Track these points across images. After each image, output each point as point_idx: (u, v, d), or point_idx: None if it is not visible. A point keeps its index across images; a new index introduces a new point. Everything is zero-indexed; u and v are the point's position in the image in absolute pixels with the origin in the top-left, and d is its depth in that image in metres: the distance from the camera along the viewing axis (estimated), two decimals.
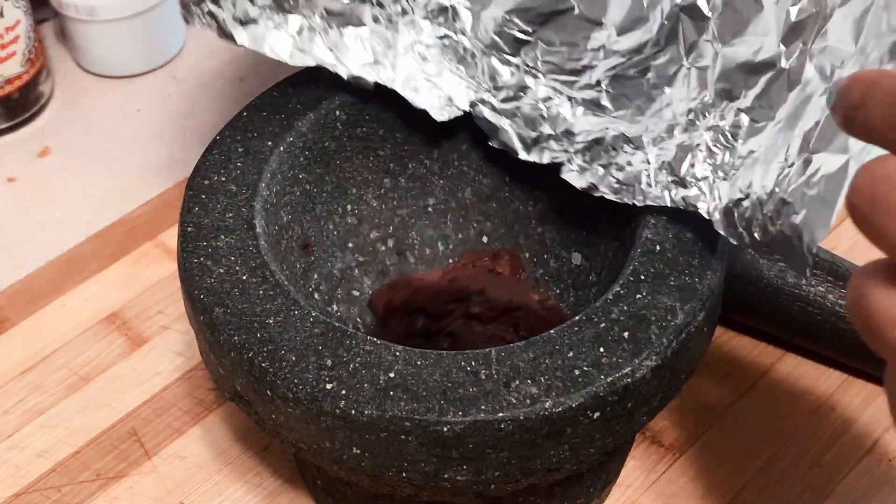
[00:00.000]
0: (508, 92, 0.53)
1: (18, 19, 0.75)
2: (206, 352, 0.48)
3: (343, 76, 0.54)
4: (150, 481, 0.58)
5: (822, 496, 0.56)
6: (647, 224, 0.48)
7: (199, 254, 0.48)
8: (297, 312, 0.45)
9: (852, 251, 0.63)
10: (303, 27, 0.53)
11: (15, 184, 0.75)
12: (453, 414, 0.41)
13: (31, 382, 0.62)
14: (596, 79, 0.51)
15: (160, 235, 0.70)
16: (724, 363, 0.62)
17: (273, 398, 0.43)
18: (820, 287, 0.58)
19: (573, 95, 0.52)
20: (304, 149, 0.54)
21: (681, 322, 0.45)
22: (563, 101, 0.52)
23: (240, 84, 0.82)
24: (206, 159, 0.52)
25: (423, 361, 0.43)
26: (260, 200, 0.50)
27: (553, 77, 0.52)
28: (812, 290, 0.58)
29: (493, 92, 0.53)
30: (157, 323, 0.65)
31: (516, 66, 0.53)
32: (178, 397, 0.61)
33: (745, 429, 0.59)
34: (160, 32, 0.82)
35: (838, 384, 0.61)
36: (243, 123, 0.54)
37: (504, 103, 0.53)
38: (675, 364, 0.45)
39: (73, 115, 0.80)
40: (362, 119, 0.56)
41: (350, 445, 0.43)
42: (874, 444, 0.58)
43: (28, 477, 0.58)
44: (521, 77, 0.53)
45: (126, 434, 0.60)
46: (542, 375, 0.43)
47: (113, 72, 0.82)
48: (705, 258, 0.47)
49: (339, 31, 0.53)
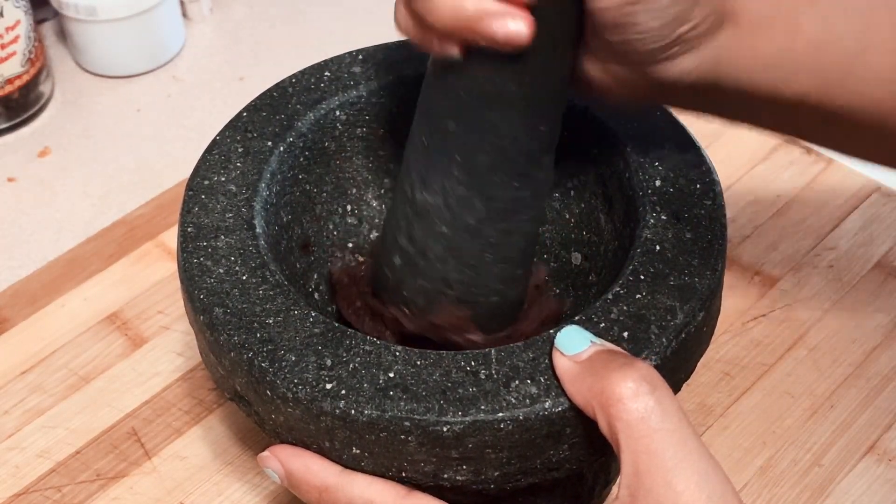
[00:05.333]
0: None
1: (18, 19, 0.75)
2: (206, 352, 0.47)
3: None
4: (150, 481, 0.58)
5: (822, 496, 0.56)
6: (647, 224, 0.48)
7: (199, 254, 0.48)
8: (297, 312, 0.45)
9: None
10: None
11: (15, 184, 0.75)
12: (453, 414, 0.41)
13: (31, 383, 0.62)
14: None
15: (160, 235, 0.70)
16: (724, 363, 0.62)
17: (273, 398, 0.43)
18: None
19: None
20: (304, 149, 0.54)
21: (681, 322, 0.45)
22: None
23: (240, 84, 0.82)
24: (206, 159, 0.52)
25: (423, 361, 0.43)
26: (260, 200, 0.50)
27: None
28: None
29: None
30: (157, 323, 0.65)
31: None
32: (178, 397, 0.61)
33: (745, 429, 0.59)
34: (160, 32, 0.82)
35: (838, 384, 0.61)
36: (243, 123, 0.54)
37: None
38: (675, 364, 0.45)
39: (73, 115, 0.80)
40: (362, 119, 0.56)
41: (350, 445, 0.43)
42: (874, 444, 0.58)
43: (28, 477, 0.58)
44: None
45: (126, 434, 0.60)
46: (542, 375, 0.43)
47: (113, 72, 0.82)
48: (705, 258, 0.47)
49: None
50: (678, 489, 0.38)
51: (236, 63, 0.84)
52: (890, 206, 0.70)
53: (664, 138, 0.52)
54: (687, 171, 0.50)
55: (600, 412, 0.40)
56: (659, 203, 0.49)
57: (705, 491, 0.38)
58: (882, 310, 0.65)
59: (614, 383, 0.40)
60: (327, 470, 0.44)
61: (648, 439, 0.39)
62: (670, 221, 0.49)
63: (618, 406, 0.39)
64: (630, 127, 0.52)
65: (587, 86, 0.45)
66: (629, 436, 0.39)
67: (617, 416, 0.39)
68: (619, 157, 0.52)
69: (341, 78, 0.55)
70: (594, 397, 0.40)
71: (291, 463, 0.44)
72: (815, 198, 0.71)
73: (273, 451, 0.45)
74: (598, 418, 0.40)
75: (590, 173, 0.54)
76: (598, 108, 0.53)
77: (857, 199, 0.71)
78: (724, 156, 0.73)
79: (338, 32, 0.87)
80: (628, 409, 0.39)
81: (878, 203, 0.71)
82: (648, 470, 0.39)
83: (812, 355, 0.62)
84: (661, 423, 0.39)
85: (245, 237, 0.49)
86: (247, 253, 0.48)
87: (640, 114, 0.53)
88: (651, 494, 0.38)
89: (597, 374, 0.40)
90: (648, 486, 0.38)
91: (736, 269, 0.67)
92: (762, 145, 0.75)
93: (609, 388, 0.40)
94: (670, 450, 0.39)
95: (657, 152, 0.51)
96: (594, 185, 0.54)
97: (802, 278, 0.66)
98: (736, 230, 0.69)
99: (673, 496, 0.38)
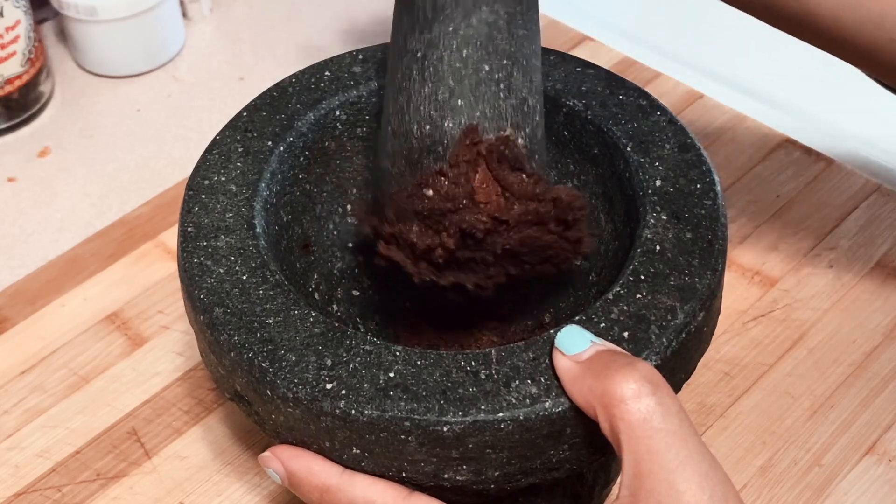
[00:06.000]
0: None
1: (18, 19, 0.75)
2: (206, 352, 0.48)
3: None
4: (150, 481, 0.58)
5: (822, 496, 0.56)
6: (647, 224, 0.48)
7: (199, 254, 0.48)
8: (297, 312, 0.45)
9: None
10: None
11: (15, 184, 0.75)
12: (453, 414, 0.41)
13: (31, 382, 0.62)
14: None
15: (160, 235, 0.70)
16: (724, 363, 0.62)
17: (273, 398, 0.43)
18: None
19: None
20: (304, 149, 0.54)
21: (681, 322, 0.45)
22: None
23: (240, 84, 0.82)
24: (206, 159, 0.52)
25: (423, 361, 0.43)
26: (260, 200, 0.50)
27: None
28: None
29: None
30: (157, 323, 0.65)
31: None
32: (178, 397, 0.61)
33: (745, 429, 0.59)
34: (160, 32, 0.82)
35: (838, 384, 0.61)
36: (243, 123, 0.54)
37: None
38: (675, 364, 0.45)
39: (73, 115, 0.80)
40: (362, 119, 0.56)
41: (350, 445, 0.43)
42: (874, 444, 0.58)
43: (28, 477, 0.58)
44: None
45: (126, 434, 0.60)
46: (542, 375, 0.43)
47: (113, 72, 0.82)
48: (705, 258, 0.47)
49: None
50: (680, 489, 0.38)
51: (236, 63, 0.84)
52: (890, 206, 0.70)
53: (664, 138, 0.52)
54: (687, 171, 0.50)
55: (602, 413, 0.40)
56: (659, 203, 0.49)
57: (707, 491, 0.38)
58: (882, 310, 0.65)
59: (616, 384, 0.40)
60: (328, 470, 0.44)
61: (650, 440, 0.39)
62: (670, 221, 0.49)
63: (620, 407, 0.39)
64: (630, 127, 0.52)
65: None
66: (631, 436, 0.39)
67: (619, 417, 0.39)
68: (619, 157, 0.52)
69: (341, 78, 0.55)
70: (596, 398, 0.40)
71: (292, 463, 0.44)
72: (815, 198, 0.71)
73: (274, 451, 0.45)
74: (600, 419, 0.40)
75: (590, 173, 0.54)
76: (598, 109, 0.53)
77: (857, 199, 0.71)
78: (724, 156, 0.74)
79: (338, 32, 0.87)
80: (630, 410, 0.39)
81: (878, 203, 0.71)
82: (650, 470, 0.39)
83: (812, 355, 0.62)
84: (662, 424, 0.39)
85: (245, 237, 0.49)
86: (247, 253, 0.48)
87: (641, 114, 0.53)
88: (653, 495, 0.38)
89: (598, 374, 0.40)
90: (650, 486, 0.39)
91: (736, 269, 0.67)
92: (762, 145, 0.75)
93: (611, 389, 0.40)
94: (672, 450, 0.39)
95: (657, 152, 0.51)
96: (594, 185, 0.54)
97: (802, 278, 0.66)
98: (736, 230, 0.69)
99: (675, 496, 0.38)
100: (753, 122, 0.76)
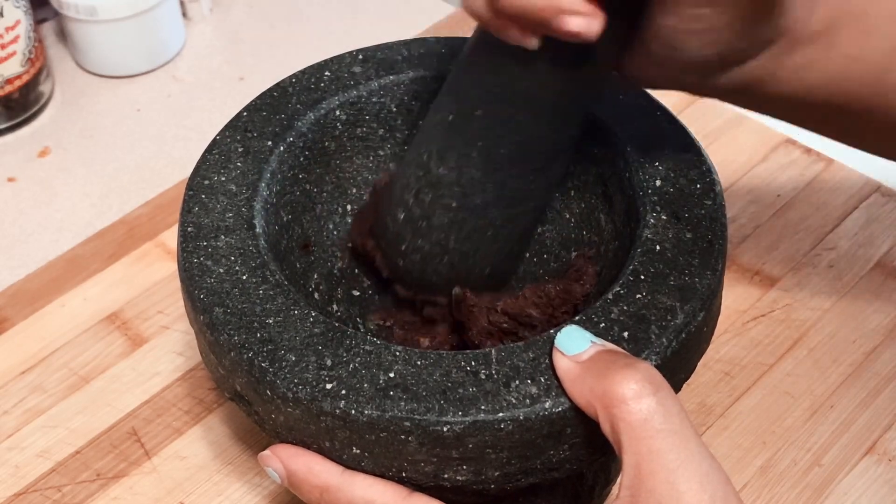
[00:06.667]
0: None
1: (18, 19, 0.75)
2: (206, 352, 0.47)
3: None
4: (150, 481, 0.58)
5: (822, 496, 0.56)
6: (647, 224, 0.48)
7: (199, 254, 0.48)
8: (297, 312, 0.45)
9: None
10: None
11: (15, 184, 0.75)
12: (453, 414, 0.41)
13: (31, 382, 0.62)
14: None
15: (160, 235, 0.70)
16: (724, 363, 0.62)
17: (273, 398, 0.43)
18: None
19: None
20: (304, 149, 0.54)
21: (681, 322, 0.45)
22: None
23: (240, 84, 0.82)
24: (206, 159, 0.52)
25: (423, 361, 0.43)
26: (260, 200, 0.50)
27: None
28: None
29: None
30: (157, 323, 0.65)
31: None
32: (178, 397, 0.61)
33: (745, 429, 0.59)
34: (160, 32, 0.82)
35: (838, 384, 0.61)
36: (243, 123, 0.54)
37: None
38: (675, 364, 0.45)
39: (73, 115, 0.80)
40: (362, 119, 0.56)
41: (350, 445, 0.43)
42: (874, 444, 0.58)
43: (28, 477, 0.58)
44: None
45: (126, 434, 0.60)
46: (542, 375, 0.43)
47: (113, 72, 0.82)
48: (705, 258, 0.47)
49: None
50: (680, 490, 0.38)
51: (236, 63, 0.84)
52: (890, 206, 0.70)
53: (664, 138, 0.52)
54: (687, 171, 0.50)
55: (602, 413, 0.40)
56: (659, 203, 0.49)
57: (707, 491, 0.38)
58: (882, 310, 0.65)
59: (617, 384, 0.40)
60: (329, 470, 0.44)
61: (651, 440, 0.39)
62: (670, 221, 0.49)
63: (621, 407, 0.39)
64: (630, 127, 0.52)
65: (620, 73, 0.47)
66: (631, 437, 0.39)
67: (620, 417, 0.39)
68: (619, 157, 0.52)
69: (341, 78, 0.55)
70: (596, 398, 0.40)
71: (293, 463, 0.44)
72: (815, 198, 0.71)
73: (274, 450, 0.45)
74: (600, 419, 0.40)
75: (590, 173, 0.54)
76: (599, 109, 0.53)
77: (857, 199, 0.71)
78: (724, 156, 0.73)
79: (338, 32, 0.87)
80: (631, 411, 0.39)
81: (878, 203, 0.71)
82: (651, 471, 0.39)
83: (812, 355, 0.62)
84: (663, 424, 0.39)
85: (245, 237, 0.49)
86: (247, 253, 0.48)
87: (641, 114, 0.53)
88: (653, 495, 0.38)
89: (598, 374, 0.40)
90: (650, 486, 0.39)
91: (736, 269, 0.67)
92: (762, 145, 0.75)
93: (612, 389, 0.40)
94: (673, 451, 0.39)
95: (657, 152, 0.51)
96: (594, 184, 0.54)
97: (802, 278, 0.66)
98: (736, 230, 0.69)
99: (675, 497, 0.38)
100: (753, 122, 0.76)
